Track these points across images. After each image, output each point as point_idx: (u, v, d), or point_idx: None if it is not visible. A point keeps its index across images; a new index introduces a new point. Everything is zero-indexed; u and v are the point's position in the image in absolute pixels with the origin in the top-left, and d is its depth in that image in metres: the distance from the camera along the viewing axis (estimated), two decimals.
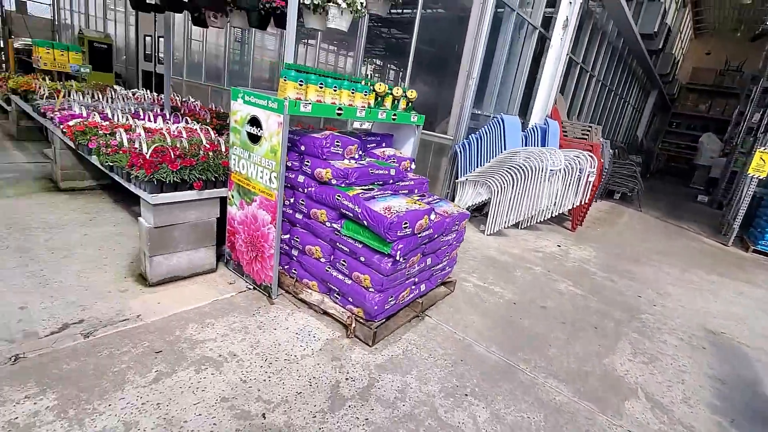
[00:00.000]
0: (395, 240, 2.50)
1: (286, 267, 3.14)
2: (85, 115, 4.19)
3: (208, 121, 5.23)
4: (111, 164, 3.10)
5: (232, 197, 3.12)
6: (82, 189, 4.66)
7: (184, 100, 7.20)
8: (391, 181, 3.20)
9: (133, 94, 7.02)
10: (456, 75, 5.87)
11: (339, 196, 2.68)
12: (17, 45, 14.24)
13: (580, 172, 5.80)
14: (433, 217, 2.82)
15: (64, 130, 3.85)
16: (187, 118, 4.73)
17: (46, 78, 7.00)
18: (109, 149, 3.08)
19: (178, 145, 3.34)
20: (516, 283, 4.12)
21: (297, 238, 3.00)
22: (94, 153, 3.36)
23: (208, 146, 3.23)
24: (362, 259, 2.64)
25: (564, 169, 5.50)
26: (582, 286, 4.36)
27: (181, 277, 3.08)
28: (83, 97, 5.39)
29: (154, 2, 4.42)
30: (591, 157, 5.87)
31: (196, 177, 2.93)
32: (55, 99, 5.04)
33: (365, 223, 2.53)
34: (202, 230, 3.10)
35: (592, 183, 6.04)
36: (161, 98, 6.78)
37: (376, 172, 3.00)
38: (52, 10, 20.59)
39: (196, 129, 4.33)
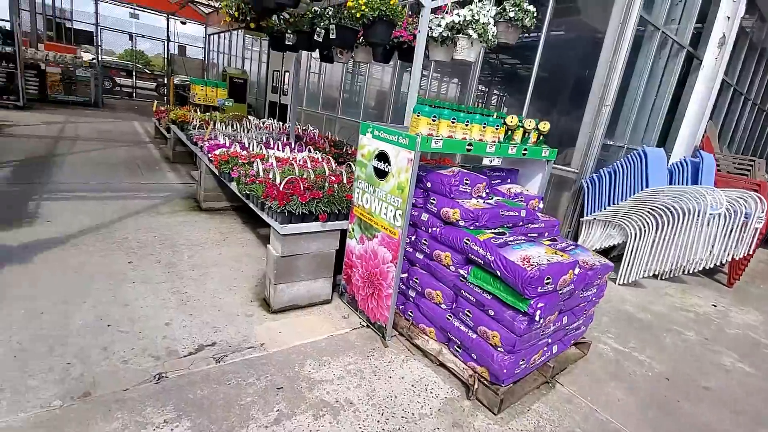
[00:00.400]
0: (534, 297, 2.18)
1: (401, 307, 2.99)
2: (227, 144, 4.67)
3: (326, 149, 5.49)
4: (248, 193, 3.32)
5: (353, 230, 3.11)
6: (218, 209, 5.18)
7: (304, 128, 7.77)
8: (521, 223, 2.88)
9: (263, 123, 7.80)
10: (583, 102, 5.32)
11: (468, 240, 2.46)
12: (176, 81, 17.19)
13: (746, 217, 4.73)
14: (576, 270, 2.42)
15: (211, 158, 4.32)
16: (310, 147, 5.01)
17: (197, 110, 8.18)
18: (248, 178, 3.32)
19: (305, 176, 3.47)
20: (665, 350, 3.40)
21: (416, 279, 2.84)
22: (234, 181, 3.67)
23: (333, 178, 3.29)
24: (491, 312, 2.35)
25: (724, 213, 4.53)
26: (753, 362, 3.43)
27: (300, 306, 3.13)
28: (225, 127, 6.10)
29: (291, 43, 4.82)
30: (758, 198, 4.77)
31: (322, 209, 2.97)
32: (204, 129, 5.77)
33: (498, 273, 2.26)
34: (321, 261, 3.13)
35: (759, 230, 4.89)
36: (286, 127, 7.40)
37: (506, 214, 2.72)
38: (204, 52, 24.54)
39: (317, 158, 4.53)
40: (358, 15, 3.26)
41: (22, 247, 3.42)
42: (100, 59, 19.04)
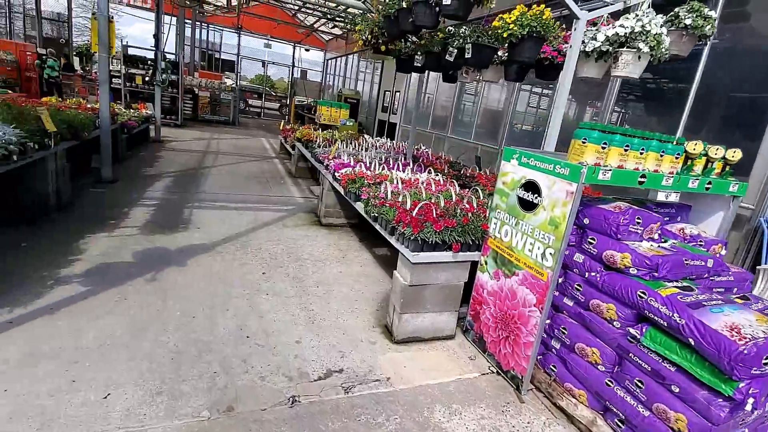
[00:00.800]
0: (746, 379, 1.67)
1: (539, 358, 2.62)
2: (352, 163, 4.79)
3: (445, 170, 5.33)
4: (376, 215, 3.29)
5: (485, 264, 2.84)
6: (337, 225, 5.34)
7: (416, 147, 7.76)
8: (707, 275, 2.32)
9: (377, 142, 8.00)
10: (761, 123, 4.32)
11: (643, 293, 2.02)
12: (296, 102, 18.93)
13: None
14: None
15: (338, 176, 4.45)
16: (431, 168, 4.90)
17: (318, 129, 8.75)
18: (377, 201, 3.29)
19: (433, 200, 3.33)
20: None
21: (563, 329, 2.46)
22: (362, 201, 3.68)
23: (467, 206, 3.08)
24: (675, 389, 1.88)
25: None
26: None
27: (423, 339, 2.95)
28: (346, 146, 6.35)
29: (419, 64, 4.82)
30: None
31: (455, 239, 2.78)
32: (328, 147, 6.08)
33: (691, 341, 1.79)
34: (448, 293, 2.92)
35: None
36: (400, 146, 7.46)
37: (690, 263, 2.20)
38: (321, 75, 26.68)
39: (439, 180, 4.38)
40: (504, 35, 3.05)
41: (179, 251, 3.85)
42: (238, 84, 21.88)
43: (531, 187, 2.44)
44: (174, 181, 6.43)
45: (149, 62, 12.64)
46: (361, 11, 5.20)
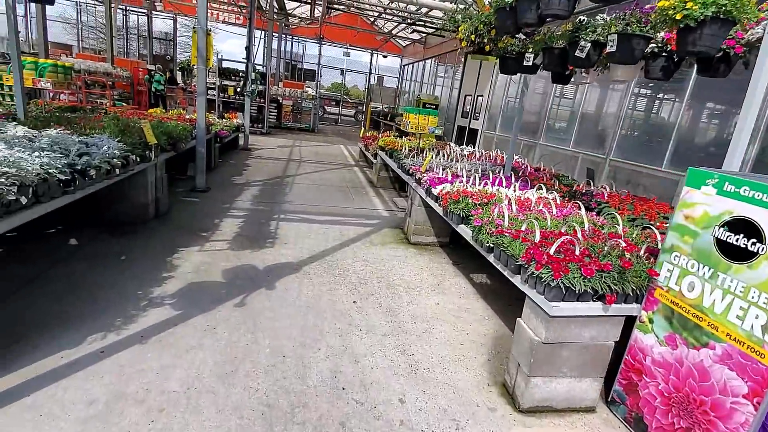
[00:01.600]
0: None
1: None
2: (449, 178, 4.27)
3: (555, 187, 4.58)
4: (492, 245, 2.72)
5: (650, 322, 2.14)
6: (426, 244, 4.85)
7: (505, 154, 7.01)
8: None
9: (463, 150, 7.39)
10: None
11: None
12: (371, 108, 18.92)
13: None
14: None
15: (435, 193, 3.95)
16: (539, 184, 4.20)
17: (401, 137, 8.38)
18: (494, 229, 2.72)
19: (563, 229, 2.68)
20: None
21: None
22: (469, 227, 3.14)
23: (624, 244, 2.39)
24: None
25: None
26: None
27: (555, 409, 2.32)
28: (435, 156, 5.85)
29: (529, 63, 4.17)
30: None
31: (610, 287, 2.12)
32: (415, 158, 5.63)
33: None
34: (593, 355, 2.26)
35: None
36: (495, 156, 6.77)
37: None
38: (397, 81, 26.61)
39: (554, 198, 3.68)
40: (678, 16, 2.33)
41: (267, 270, 3.63)
42: (318, 92, 22.57)
43: (744, 227, 1.72)
44: (260, 190, 6.43)
45: (241, 74, 13.33)
46: (459, 8, 4.68)
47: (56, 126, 3.59)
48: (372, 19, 22.30)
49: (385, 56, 24.68)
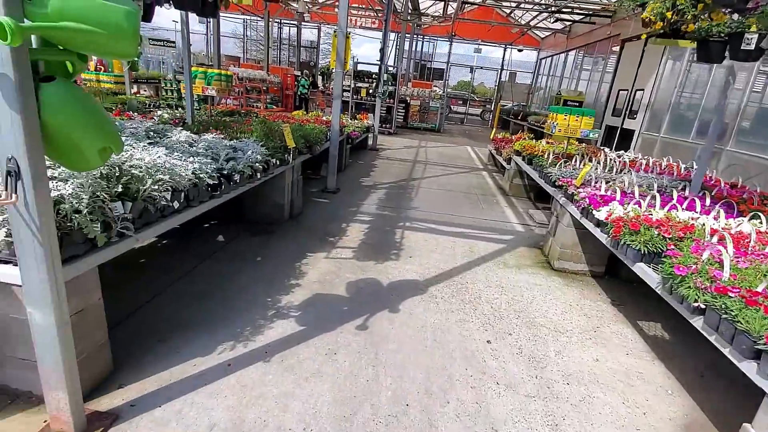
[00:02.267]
0: None
1: None
2: (615, 196, 3.41)
3: None
4: (703, 306, 1.92)
5: None
6: (575, 273, 4.03)
7: (669, 161, 5.53)
8: None
9: (619, 157, 6.11)
10: None
11: None
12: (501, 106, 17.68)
13: None
14: None
15: (598, 216, 3.16)
16: (758, 212, 3.04)
17: (541, 140, 7.40)
18: (708, 283, 1.91)
19: None
20: None
21: None
22: (663, 273, 2.33)
23: None
24: None
25: None
26: None
27: None
28: (589, 166, 4.88)
29: (752, 47, 3.03)
30: None
31: None
32: (563, 167, 4.77)
33: None
34: None
35: None
36: (664, 165, 5.40)
37: None
38: (532, 76, 24.58)
39: None
40: None
41: (390, 288, 3.35)
42: (446, 92, 22.16)
43: None
44: (386, 193, 6.30)
45: (374, 76, 13.70)
46: None
47: (213, 131, 3.89)
48: (508, 11, 20.92)
49: (520, 50, 22.93)
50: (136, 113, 4.69)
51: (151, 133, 3.18)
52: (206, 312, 2.73)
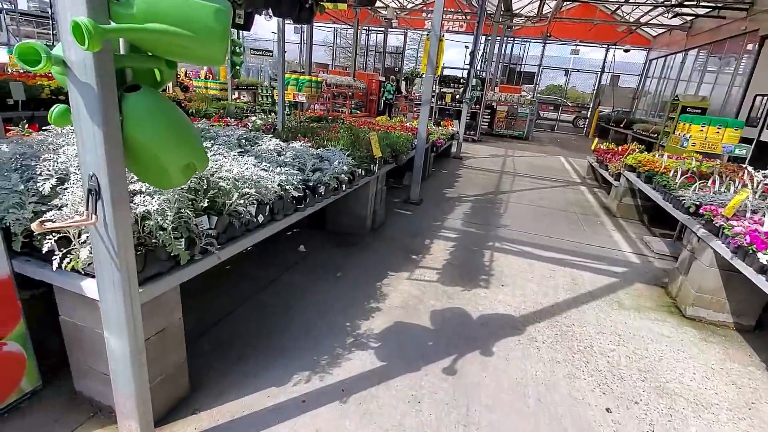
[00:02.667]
0: None
1: None
2: None
3: None
4: None
5: None
6: (713, 324, 3.22)
7: None
8: None
9: (765, 177, 4.90)
10: None
11: None
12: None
13: None
14: None
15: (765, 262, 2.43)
16: None
17: (671, 156, 6.33)
18: None
19: None
20: None
21: None
22: None
23: None
24: None
25: None
26: None
27: None
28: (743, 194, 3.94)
29: None
30: None
31: None
32: (698, 189, 3.90)
33: None
34: None
35: None
36: None
37: None
38: (639, 79, 22.03)
39: None
40: None
41: (482, 323, 2.93)
42: (536, 96, 20.76)
43: None
44: (472, 207, 5.83)
45: (461, 80, 13.20)
46: None
47: (301, 138, 3.81)
48: (614, 8, 18.95)
49: (626, 50, 20.68)
50: (232, 119, 4.86)
51: (243, 141, 3.16)
52: (284, 331, 2.58)
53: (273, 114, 7.47)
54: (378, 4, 19.01)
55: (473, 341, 2.69)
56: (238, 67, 5.50)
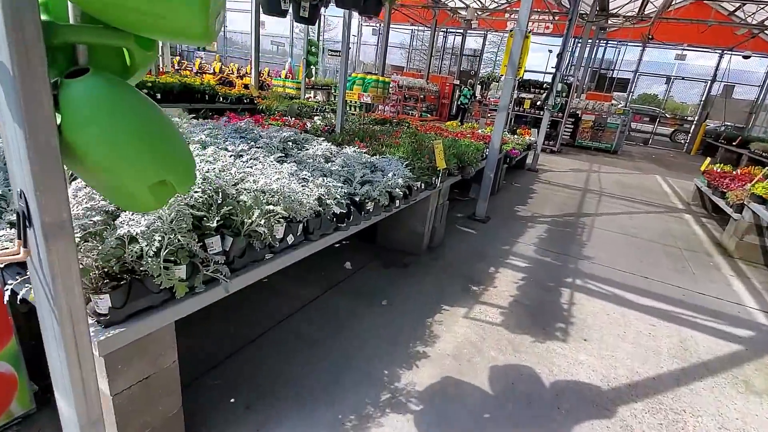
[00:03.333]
0: None
1: None
2: None
3: None
4: None
5: None
6: None
7: None
8: None
9: None
10: None
11: None
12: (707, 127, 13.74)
13: None
14: None
15: None
16: None
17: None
18: None
19: None
20: None
21: None
22: None
23: None
24: None
25: None
26: None
27: None
28: None
29: None
30: None
31: None
32: None
33: None
34: None
35: None
36: None
37: None
38: (759, 91, 18.93)
39: None
40: None
41: (555, 393, 2.28)
42: (629, 106, 18.67)
43: None
44: (548, 230, 5.05)
45: (545, 85, 12.12)
46: None
47: (357, 143, 3.41)
48: (733, 8, 16.36)
49: (746, 56, 17.78)
50: (292, 118, 4.64)
51: (289, 144, 2.82)
52: (308, 375, 2.17)
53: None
54: (458, 4, 18.32)
55: (545, 421, 2.07)
56: (312, 67, 5.30)
